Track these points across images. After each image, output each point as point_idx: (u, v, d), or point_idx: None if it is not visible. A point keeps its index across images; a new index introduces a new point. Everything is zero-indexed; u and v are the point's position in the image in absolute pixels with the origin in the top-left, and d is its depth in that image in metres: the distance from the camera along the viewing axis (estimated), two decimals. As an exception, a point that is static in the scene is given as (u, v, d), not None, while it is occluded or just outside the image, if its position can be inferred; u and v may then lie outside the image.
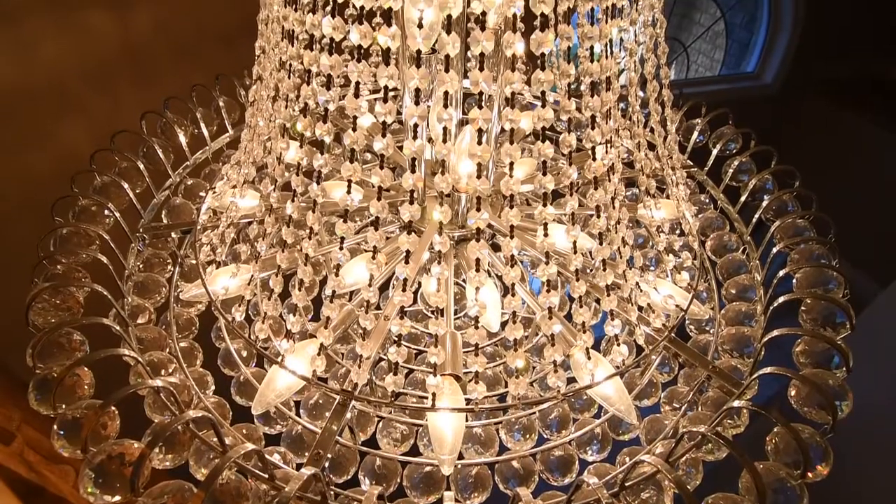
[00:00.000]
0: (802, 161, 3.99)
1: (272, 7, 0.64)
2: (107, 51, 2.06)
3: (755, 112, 4.82)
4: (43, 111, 2.01)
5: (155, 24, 2.12)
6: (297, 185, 0.65)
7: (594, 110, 0.59)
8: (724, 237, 1.13)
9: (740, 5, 4.88)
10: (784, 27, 4.56)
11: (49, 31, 1.95)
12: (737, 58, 5.08)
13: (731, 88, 4.82)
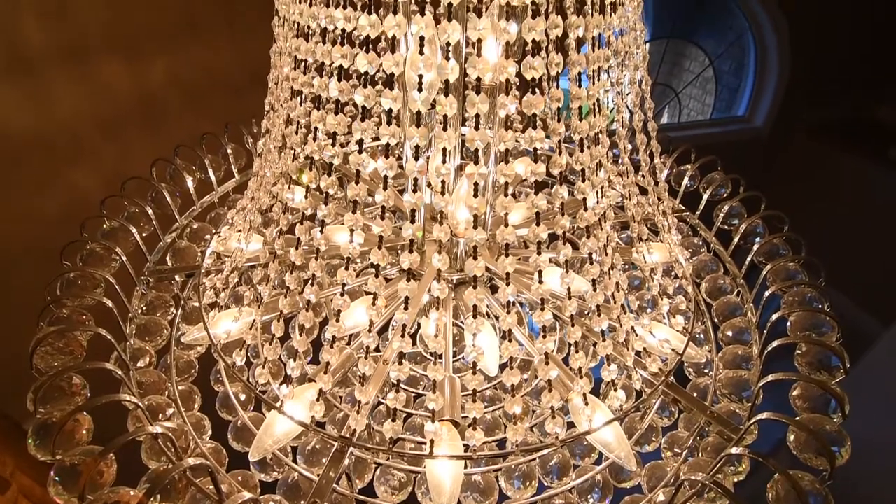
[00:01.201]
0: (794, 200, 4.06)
1: (282, 69, 0.69)
2: (120, 100, 2.15)
3: (747, 153, 4.96)
4: (56, 157, 2.08)
5: (167, 76, 2.23)
6: (302, 234, 0.67)
7: (584, 164, 0.63)
8: (718, 280, 1.15)
9: (728, 53, 5.10)
10: (771, 73, 4.75)
11: (67, 82, 2.05)
12: (727, 102, 5.27)
13: (723, 131, 4.96)
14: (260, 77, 2.16)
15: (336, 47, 0.56)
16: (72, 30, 2.01)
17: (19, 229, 2.12)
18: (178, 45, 2.21)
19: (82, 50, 2.04)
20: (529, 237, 0.62)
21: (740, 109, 5.05)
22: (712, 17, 5.00)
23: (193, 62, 2.27)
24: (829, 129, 5.02)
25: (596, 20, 0.61)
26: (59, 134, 2.08)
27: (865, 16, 4.53)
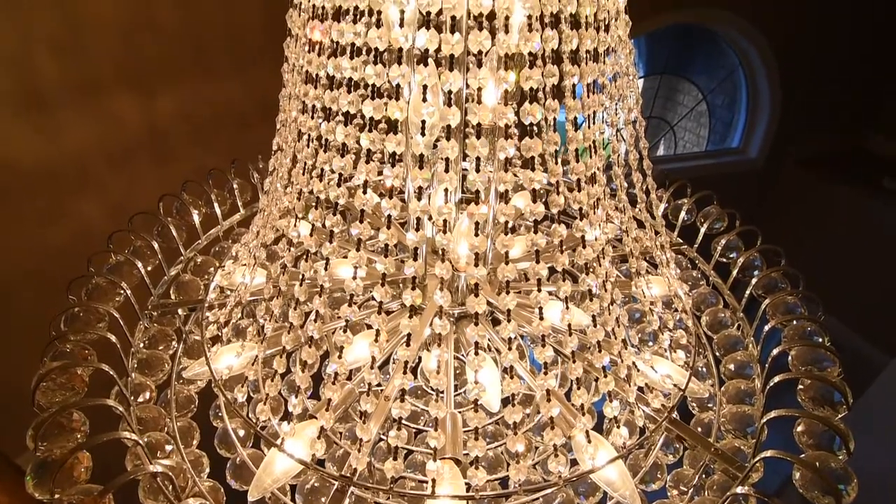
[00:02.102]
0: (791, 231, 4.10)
1: (290, 112, 0.72)
2: (129, 133, 2.21)
3: (743, 184, 5.03)
4: (62, 188, 2.12)
5: (176, 110, 2.30)
6: (306, 270, 0.69)
7: (581, 203, 0.65)
8: (718, 313, 1.15)
9: (720, 88, 5.25)
10: (763, 107, 4.88)
11: (77, 116, 2.11)
12: (721, 134, 5.38)
13: (718, 163, 5.05)
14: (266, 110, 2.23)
15: (343, 94, 0.59)
16: (84, 65, 2.08)
17: (22, 259, 2.14)
18: (186, 79, 2.29)
19: (93, 84, 2.11)
20: (529, 274, 0.63)
21: (734, 141, 5.15)
22: (704, 54, 5.17)
23: (201, 96, 2.35)
24: (823, 160, 5.11)
25: (590, 67, 0.64)
26: (67, 166, 2.13)
27: (854, 49, 4.68)
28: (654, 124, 5.96)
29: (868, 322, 4.58)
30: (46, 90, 2.01)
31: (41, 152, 2.06)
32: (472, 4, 0.53)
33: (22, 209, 2.08)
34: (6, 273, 2.11)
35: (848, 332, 4.69)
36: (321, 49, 0.62)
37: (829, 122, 5.06)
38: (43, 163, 2.07)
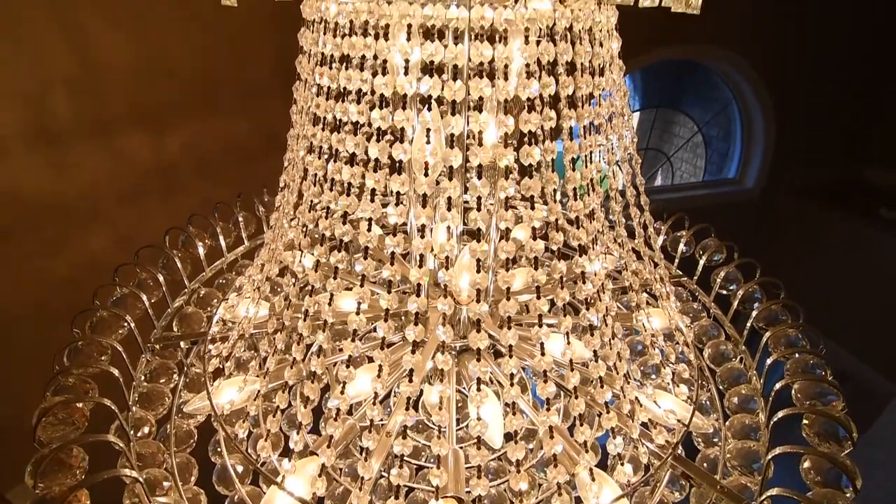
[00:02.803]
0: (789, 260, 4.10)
1: (297, 152, 0.74)
2: (138, 168, 2.26)
3: (740, 214, 5.08)
4: (71, 221, 2.16)
5: (184, 145, 2.35)
6: (310, 305, 0.69)
7: (580, 240, 0.66)
8: (720, 346, 1.15)
9: (715, 121, 5.36)
10: (757, 139, 4.97)
11: (88, 151, 2.16)
12: (717, 165, 5.47)
13: (716, 193, 5.11)
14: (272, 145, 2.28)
15: (349, 136, 0.62)
16: (98, 103, 2.15)
17: (27, 290, 2.15)
18: (196, 117, 2.35)
19: (105, 122, 2.17)
20: (531, 308, 0.64)
21: (731, 172, 5.23)
22: (697, 87, 5.31)
23: (210, 132, 2.41)
24: (820, 190, 5.17)
25: (586, 110, 0.67)
26: (76, 199, 2.17)
27: (847, 82, 4.81)
28: (652, 155, 6.07)
29: (873, 351, 4.53)
30: (60, 128, 2.07)
31: (52, 186, 2.10)
32: (474, 54, 0.56)
33: (29, 241, 2.10)
34: (11, 304, 2.12)
35: (854, 361, 4.64)
36: (329, 93, 0.65)
37: (825, 154, 5.15)
38: (53, 197, 2.11)
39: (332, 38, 0.62)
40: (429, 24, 0.56)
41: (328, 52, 0.63)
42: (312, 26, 0.68)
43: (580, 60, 0.62)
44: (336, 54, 0.62)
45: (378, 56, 0.59)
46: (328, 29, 0.63)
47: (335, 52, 0.62)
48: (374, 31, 0.59)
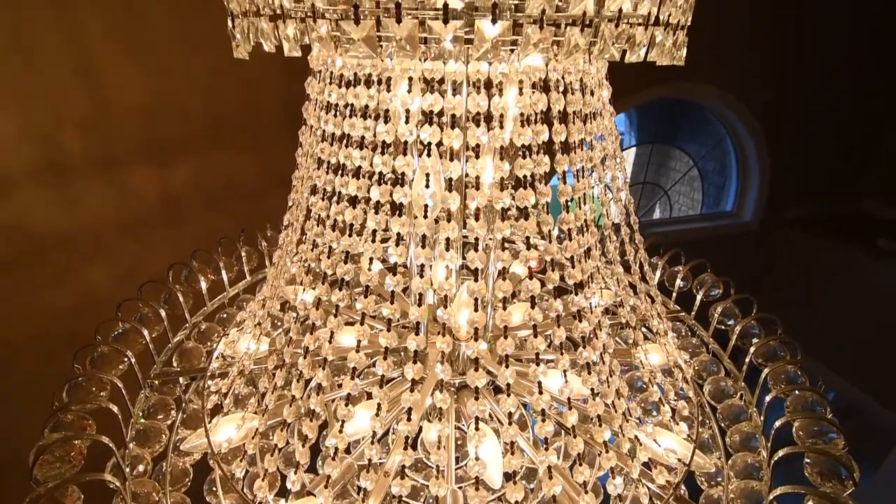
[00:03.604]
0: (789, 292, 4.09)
1: (302, 193, 0.77)
2: (143, 202, 2.30)
3: (739, 246, 5.11)
4: (74, 253, 2.18)
5: (189, 179, 2.40)
6: (311, 343, 0.70)
7: (576, 279, 0.68)
8: (720, 382, 1.15)
9: (710, 155, 5.47)
10: (752, 173, 5.06)
11: (95, 185, 2.21)
12: (715, 198, 5.54)
13: (714, 226, 5.16)
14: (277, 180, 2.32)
15: (352, 179, 0.64)
16: (107, 139, 2.21)
17: (29, 321, 2.15)
18: (203, 154, 2.42)
19: (114, 159, 2.23)
20: (528, 347, 0.65)
21: (728, 205, 5.29)
22: (691, 124, 5.44)
23: (215, 168, 2.46)
24: (817, 222, 5.22)
25: (579, 154, 0.69)
26: (81, 232, 2.21)
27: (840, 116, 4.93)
28: (649, 189, 6.16)
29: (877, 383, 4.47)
30: (70, 163, 2.12)
31: (58, 220, 2.14)
32: (471, 104, 0.59)
33: (33, 273, 2.12)
34: (12, 336, 2.12)
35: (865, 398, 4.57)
36: (333, 138, 0.68)
37: (820, 186, 5.23)
38: (58, 230, 2.14)
39: (338, 88, 0.65)
40: (428, 77, 0.59)
41: (333, 101, 0.66)
42: (319, 76, 0.71)
43: (572, 109, 0.65)
44: (341, 103, 0.65)
45: (380, 105, 0.62)
46: (333, 79, 0.66)
47: (340, 101, 0.65)
48: (376, 82, 0.63)
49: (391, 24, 0.48)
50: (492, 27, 0.47)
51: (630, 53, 0.55)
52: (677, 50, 0.64)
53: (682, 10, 0.61)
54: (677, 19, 0.61)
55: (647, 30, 0.56)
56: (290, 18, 0.54)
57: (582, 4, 0.49)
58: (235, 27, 0.63)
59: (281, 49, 0.59)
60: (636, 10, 0.53)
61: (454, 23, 0.48)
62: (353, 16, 0.49)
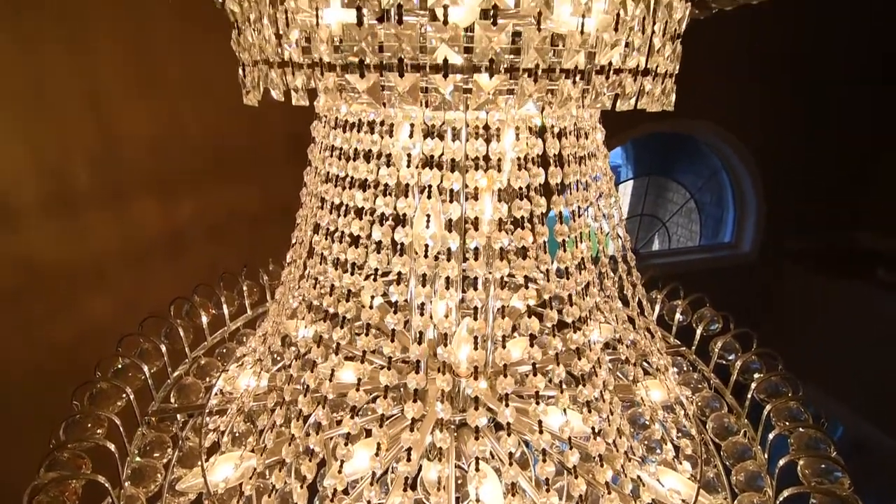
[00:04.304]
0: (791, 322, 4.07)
1: (306, 231, 0.79)
2: (147, 235, 2.33)
3: (738, 277, 5.11)
4: (77, 285, 2.19)
5: (194, 211, 2.44)
6: (311, 381, 0.71)
7: (574, 316, 0.69)
8: (723, 419, 1.14)
9: (706, 187, 5.55)
10: (749, 204, 5.12)
11: (100, 218, 2.24)
12: (713, 229, 5.58)
13: (713, 257, 5.18)
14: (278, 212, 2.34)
15: (355, 220, 0.66)
16: (114, 173, 2.25)
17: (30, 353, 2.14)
18: (207, 184, 2.46)
19: (120, 191, 2.27)
20: (528, 386, 0.65)
21: (727, 236, 5.33)
22: (687, 156, 5.55)
23: (219, 199, 2.50)
24: (816, 252, 5.25)
25: (575, 195, 0.72)
26: (85, 263, 2.22)
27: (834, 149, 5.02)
28: (648, 221, 6.21)
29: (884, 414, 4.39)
30: (76, 196, 2.16)
31: (63, 252, 2.16)
32: (470, 149, 0.62)
33: (36, 305, 2.13)
34: (13, 368, 2.10)
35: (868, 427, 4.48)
36: (337, 180, 0.70)
37: (817, 217, 5.28)
38: (62, 262, 2.16)
39: (342, 133, 0.68)
40: (429, 123, 0.62)
41: (338, 145, 0.69)
42: (324, 120, 0.75)
43: (567, 152, 0.67)
44: (345, 146, 0.68)
45: (383, 150, 0.65)
46: (338, 124, 0.69)
47: (344, 144, 0.68)
48: (379, 126, 0.66)
49: (394, 77, 0.51)
50: (489, 80, 0.50)
51: (621, 102, 0.58)
52: (666, 97, 0.67)
53: (669, 59, 0.65)
54: (665, 69, 0.65)
55: (636, 80, 0.59)
56: (298, 70, 0.57)
57: (574, 59, 0.52)
58: (246, 76, 0.66)
59: (289, 97, 0.62)
60: (625, 63, 0.56)
61: (454, 76, 0.51)
62: (358, 69, 0.51)
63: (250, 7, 0.61)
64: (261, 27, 0.62)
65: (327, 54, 0.54)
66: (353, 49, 0.51)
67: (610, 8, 0.54)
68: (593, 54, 0.55)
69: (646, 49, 0.59)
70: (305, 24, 0.56)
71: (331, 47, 0.53)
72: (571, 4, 0.51)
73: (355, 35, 0.51)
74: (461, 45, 0.51)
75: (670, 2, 0.59)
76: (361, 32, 0.50)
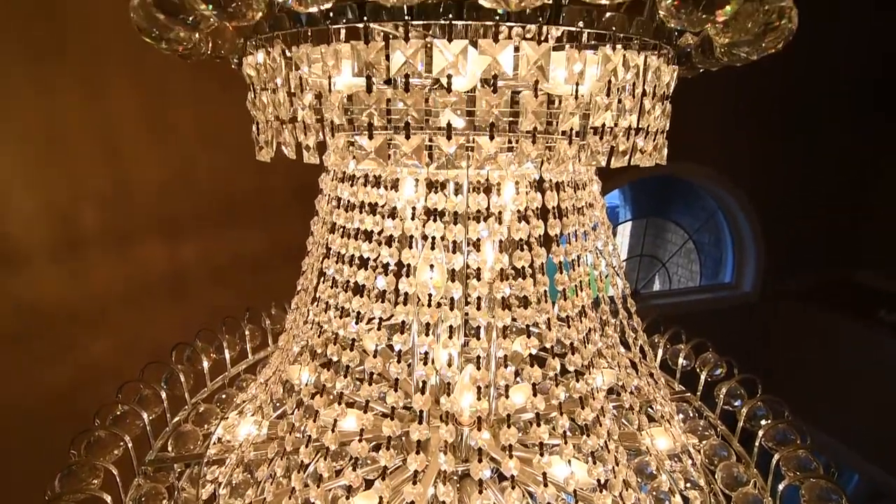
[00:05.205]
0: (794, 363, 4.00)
1: (311, 281, 0.80)
2: (151, 277, 2.35)
3: (740, 318, 5.08)
4: (78, 326, 2.19)
5: (197, 253, 2.47)
6: (312, 431, 0.70)
7: (576, 365, 0.69)
8: (732, 468, 1.11)
9: (704, 228, 5.61)
10: (748, 245, 5.15)
11: (106, 260, 2.27)
12: (713, 269, 5.59)
13: (714, 297, 5.16)
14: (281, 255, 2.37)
15: (360, 271, 0.68)
16: (122, 216, 2.30)
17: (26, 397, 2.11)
18: (213, 228, 2.50)
19: (127, 233, 2.31)
20: (531, 435, 0.65)
21: (727, 276, 5.33)
22: (684, 198, 5.64)
23: (224, 242, 2.54)
24: (818, 293, 5.24)
25: (574, 245, 0.74)
26: (88, 304, 2.23)
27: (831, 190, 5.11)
28: (647, 262, 6.24)
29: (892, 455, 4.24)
30: (84, 238, 2.19)
31: (67, 294, 2.17)
32: (472, 203, 0.64)
33: (37, 347, 2.12)
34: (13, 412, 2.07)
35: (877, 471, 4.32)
36: (343, 231, 0.73)
37: (816, 258, 5.31)
38: (66, 304, 2.17)
39: (349, 187, 0.71)
40: (433, 178, 0.65)
41: (345, 197, 0.72)
42: (332, 173, 0.78)
43: (565, 204, 0.70)
44: (352, 199, 0.71)
45: (388, 203, 0.67)
46: (346, 178, 0.72)
47: (351, 197, 0.71)
48: (385, 182, 0.69)
49: (401, 138, 0.54)
50: (490, 142, 0.53)
51: (615, 160, 0.61)
52: (658, 152, 0.70)
53: (659, 118, 0.69)
54: (657, 127, 0.68)
55: (629, 139, 0.62)
56: (310, 130, 0.61)
57: (570, 122, 0.55)
58: (260, 134, 0.70)
59: (300, 154, 0.65)
60: (618, 125, 0.59)
61: (457, 137, 0.54)
62: (367, 131, 0.55)
63: (266, 72, 0.65)
64: (275, 88, 0.66)
65: (338, 117, 0.57)
66: (363, 113, 0.55)
67: (602, 74, 0.58)
68: (588, 115, 0.59)
69: (637, 110, 0.62)
70: (317, 84, 0.60)
71: (341, 110, 0.57)
72: (566, 71, 0.55)
73: (365, 100, 0.54)
74: (463, 108, 0.54)
75: (658, 67, 0.63)
76: (371, 97, 0.54)
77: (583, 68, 0.55)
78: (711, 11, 0.45)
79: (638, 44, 0.58)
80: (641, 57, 0.59)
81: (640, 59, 0.58)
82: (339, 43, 0.56)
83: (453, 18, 0.49)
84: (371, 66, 0.51)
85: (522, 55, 0.52)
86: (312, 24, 0.54)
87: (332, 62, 0.55)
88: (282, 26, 0.58)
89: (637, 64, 0.59)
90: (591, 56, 0.58)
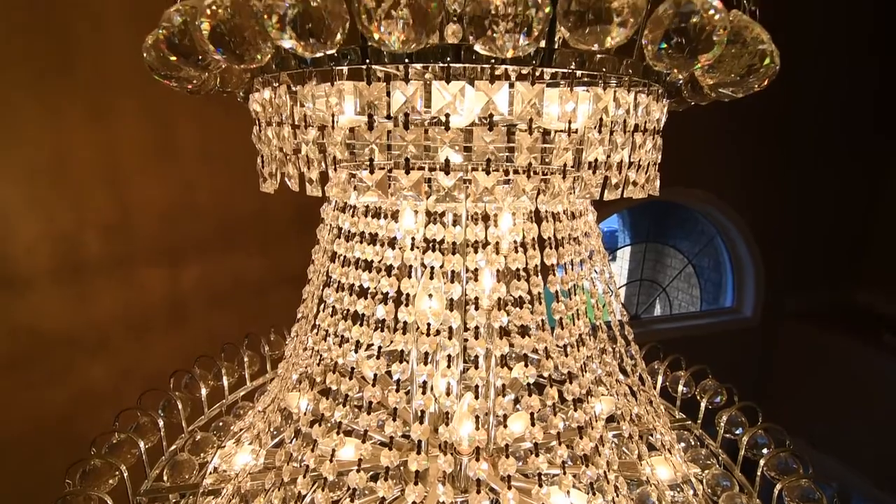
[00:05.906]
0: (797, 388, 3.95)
1: (312, 309, 0.81)
2: (152, 301, 2.35)
3: (741, 342, 5.04)
4: (77, 351, 2.18)
5: (198, 279, 2.48)
6: (311, 461, 0.70)
7: (574, 394, 0.70)
8: (735, 500, 1.10)
9: (703, 252, 5.63)
10: (747, 269, 5.16)
11: (107, 285, 2.28)
12: (713, 294, 5.59)
13: (715, 322, 5.14)
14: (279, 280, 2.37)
15: (360, 300, 0.69)
16: (125, 241, 2.32)
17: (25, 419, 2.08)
18: (213, 252, 2.52)
19: (129, 258, 2.33)
20: (530, 465, 0.65)
21: (728, 300, 5.32)
22: (682, 223, 5.68)
23: (225, 268, 2.55)
24: (820, 317, 5.22)
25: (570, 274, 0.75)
26: (88, 329, 2.22)
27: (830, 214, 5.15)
28: (647, 286, 6.24)
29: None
30: (87, 264, 2.21)
31: (67, 319, 2.17)
32: (470, 234, 0.66)
33: (36, 371, 2.11)
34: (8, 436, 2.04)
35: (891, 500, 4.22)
36: (344, 261, 0.74)
37: (816, 281, 5.31)
38: (66, 329, 2.17)
39: (350, 217, 0.73)
40: (432, 210, 0.67)
41: (346, 228, 0.74)
42: (333, 203, 0.80)
43: (561, 234, 0.72)
44: (352, 230, 0.73)
45: (388, 234, 0.69)
46: (347, 209, 0.74)
47: (352, 228, 0.73)
48: (385, 213, 0.71)
49: (400, 172, 0.56)
50: (486, 177, 0.55)
51: (608, 193, 0.63)
52: (650, 184, 0.72)
53: (650, 152, 0.71)
54: (648, 160, 0.71)
55: (621, 172, 0.64)
56: (313, 165, 0.63)
57: (563, 157, 0.57)
58: (264, 167, 0.72)
59: (304, 186, 0.67)
60: (609, 159, 0.61)
61: (455, 172, 0.56)
62: (368, 166, 0.57)
63: (271, 108, 0.68)
64: (280, 122, 0.68)
65: (340, 152, 0.59)
66: (364, 148, 0.57)
67: (594, 112, 0.60)
68: (581, 151, 0.61)
69: (629, 144, 0.65)
70: (320, 119, 0.62)
71: (343, 146, 0.59)
72: (559, 109, 0.58)
73: (366, 136, 0.57)
74: (461, 144, 0.56)
75: (648, 104, 0.66)
76: (372, 134, 0.56)
77: (575, 106, 0.58)
78: (695, 56, 0.48)
79: (628, 82, 0.61)
80: (632, 95, 0.62)
81: (630, 97, 0.61)
82: (342, 82, 0.59)
83: (451, 61, 0.51)
84: (373, 106, 0.54)
85: (517, 93, 0.55)
86: (317, 66, 0.57)
87: (336, 100, 0.58)
88: (288, 66, 0.60)
89: (628, 101, 0.61)
90: (583, 94, 0.60)
